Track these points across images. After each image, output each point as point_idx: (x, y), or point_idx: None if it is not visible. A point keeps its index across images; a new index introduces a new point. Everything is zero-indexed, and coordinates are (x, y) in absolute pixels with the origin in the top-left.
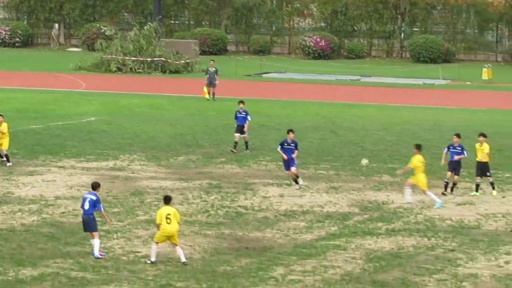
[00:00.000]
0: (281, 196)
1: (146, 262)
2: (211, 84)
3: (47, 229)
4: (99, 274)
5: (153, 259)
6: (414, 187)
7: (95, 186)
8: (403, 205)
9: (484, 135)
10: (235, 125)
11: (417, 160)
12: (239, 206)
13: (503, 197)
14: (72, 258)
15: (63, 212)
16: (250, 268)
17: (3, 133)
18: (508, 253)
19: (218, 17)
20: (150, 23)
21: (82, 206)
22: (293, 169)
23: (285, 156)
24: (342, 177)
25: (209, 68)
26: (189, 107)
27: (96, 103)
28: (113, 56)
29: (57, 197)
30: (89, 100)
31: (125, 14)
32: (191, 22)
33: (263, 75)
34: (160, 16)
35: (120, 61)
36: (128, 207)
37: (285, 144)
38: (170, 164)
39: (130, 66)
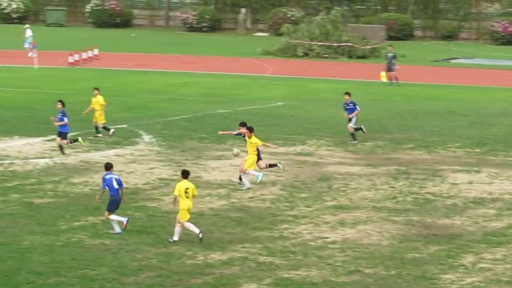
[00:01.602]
0: (470, 183)
1: (169, 241)
2: (389, 69)
3: (236, 213)
4: (287, 260)
5: (176, 238)
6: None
7: (110, 167)
8: None
9: None
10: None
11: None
12: (428, 193)
13: None
14: (260, 243)
15: (251, 197)
16: (439, 255)
17: (101, 105)
18: None
19: (404, 2)
20: (337, 8)
21: (111, 186)
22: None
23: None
24: None
25: (387, 54)
26: (376, 93)
27: (282, 88)
28: (300, 41)
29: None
30: (276, 85)
31: None
32: (378, 7)
33: (451, 60)
34: (347, 1)
35: (307, 46)
36: (316, 192)
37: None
38: (358, 150)
39: (316, 51)
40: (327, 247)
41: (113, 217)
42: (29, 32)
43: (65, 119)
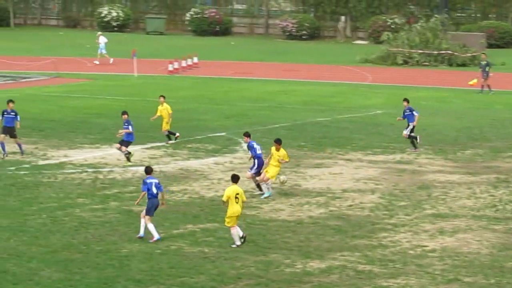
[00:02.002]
0: None
1: (231, 246)
2: (484, 76)
3: (334, 221)
4: (386, 268)
5: (238, 243)
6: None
7: (150, 171)
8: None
9: None
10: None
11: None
12: None
13: None
14: (359, 251)
15: (350, 205)
16: None
17: (169, 113)
18: None
19: (505, 10)
20: (436, 16)
21: (150, 190)
22: None
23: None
24: None
25: (481, 62)
26: (476, 101)
27: (382, 96)
28: (399, 49)
29: (344, 190)
30: (375, 93)
31: (411, 6)
32: (478, 15)
33: None
34: (446, 9)
35: (406, 54)
36: (415, 200)
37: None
38: (457, 158)
39: (416, 59)
40: (426, 255)
41: (150, 226)
42: (102, 39)
43: (130, 128)
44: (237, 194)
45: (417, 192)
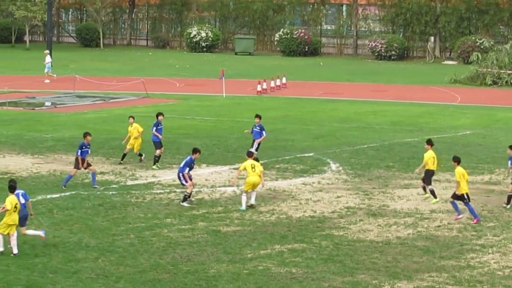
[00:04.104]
0: None
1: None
2: None
3: (422, 242)
4: None
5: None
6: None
7: (14, 184)
8: None
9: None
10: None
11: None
12: None
13: None
14: (447, 272)
15: (438, 226)
16: None
17: (139, 132)
18: None
19: None
20: None
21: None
22: None
23: None
24: None
25: None
26: None
27: (471, 116)
28: (489, 69)
29: (432, 211)
30: (464, 113)
31: (501, 27)
32: None
33: None
34: None
35: (495, 74)
36: (504, 221)
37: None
38: None
39: (505, 80)
40: None
41: (29, 232)
42: (48, 59)
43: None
44: (16, 204)
45: (505, 212)
